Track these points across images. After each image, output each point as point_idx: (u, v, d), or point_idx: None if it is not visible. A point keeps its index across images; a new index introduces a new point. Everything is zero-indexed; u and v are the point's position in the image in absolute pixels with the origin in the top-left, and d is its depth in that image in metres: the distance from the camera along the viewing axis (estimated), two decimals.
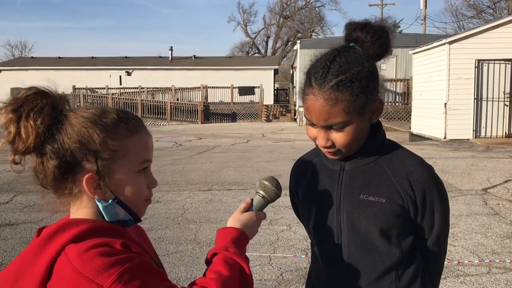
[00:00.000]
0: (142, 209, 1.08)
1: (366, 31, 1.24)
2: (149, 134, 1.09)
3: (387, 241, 1.28)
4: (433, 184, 1.30)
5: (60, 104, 1.00)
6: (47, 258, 0.92)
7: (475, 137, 14.40)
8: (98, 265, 0.88)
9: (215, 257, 1.08)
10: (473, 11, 33.70)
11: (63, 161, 0.96)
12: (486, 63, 14.23)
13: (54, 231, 0.95)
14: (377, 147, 1.31)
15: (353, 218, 1.29)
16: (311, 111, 1.21)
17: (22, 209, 6.58)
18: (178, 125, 24.90)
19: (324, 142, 1.24)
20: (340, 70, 1.17)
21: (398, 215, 1.27)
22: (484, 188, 7.57)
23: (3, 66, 32.73)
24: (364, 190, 1.29)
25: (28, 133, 0.95)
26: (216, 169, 9.78)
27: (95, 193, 0.99)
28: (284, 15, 52.69)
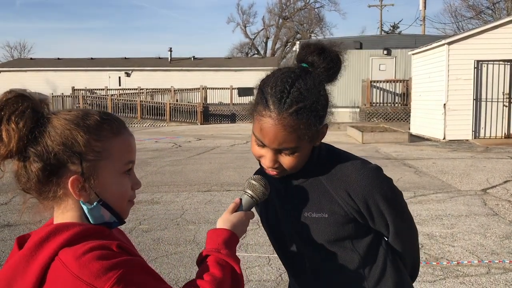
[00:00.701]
0: (126, 210, 1.08)
1: (323, 58, 1.25)
2: (132, 135, 1.09)
3: (342, 249, 1.31)
4: (375, 189, 1.27)
5: (41, 107, 0.99)
6: (40, 264, 0.91)
7: (474, 137, 14.41)
8: (96, 269, 0.87)
9: (208, 258, 1.09)
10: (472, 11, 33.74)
11: (47, 163, 0.96)
12: (485, 63, 14.25)
13: (45, 236, 0.94)
14: (314, 161, 1.31)
15: (303, 234, 1.32)
16: (265, 133, 1.20)
17: (21, 210, 6.57)
18: (177, 126, 24.90)
19: (272, 164, 1.24)
20: (300, 97, 1.17)
21: (345, 226, 1.29)
22: (484, 189, 7.57)
23: (2, 67, 32.72)
24: (307, 207, 1.31)
25: (10, 137, 0.94)
26: (215, 170, 9.78)
27: (80, 196, 0.98)
28: (284, 16, 52.72)
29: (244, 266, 4.35)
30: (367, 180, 1.27)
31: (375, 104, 22.33)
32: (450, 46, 14.42)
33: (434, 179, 8.39)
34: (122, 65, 32.41)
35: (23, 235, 1.06)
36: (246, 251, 4.73)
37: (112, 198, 1.02)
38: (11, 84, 29.03)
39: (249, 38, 55.79)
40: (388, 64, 24.17)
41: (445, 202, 6.71)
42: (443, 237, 5.12)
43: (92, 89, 29.21)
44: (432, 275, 4.10)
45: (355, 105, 23.03)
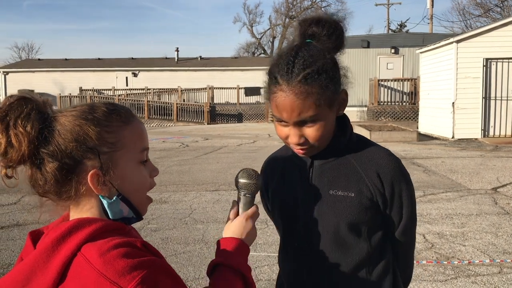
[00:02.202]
0: (145, 205, 1.06)
1: (322, 26, 1.24)
2: (141, 122, 1.07)
3: (356, 236, 1.30)
4: (401, 176, 1.31)
5: (45, 108, 0.97)
6: (62, 259, 0.89)
7: (484, 136, 14.29)
8: (122, 267, 0.85)
9: (219, 269, 1.08)
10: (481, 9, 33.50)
11: (63, 162, 0.94)
12: (494, 61, 14.12)
13: (66, 231, 0.92)
14: (345, 142, 1.31)
15: (323, 214, 1.30)
16: (282, 108, 1.19)
17: (30, 209, 6.59)
18: (184, 126, 24.93)
19: (297, 139, 1.22)
20: (305, 63, 1.17)
21: (367, 209, 1.28)
22: (494, 188, 7.50)
23: (11, 68, 32.93)
24: (333, 185, 1.29)
25: (19, 141, 0.91)
26: (223, 170, 9.77)
27: (100, 190, 0.96)
28: (290, 15, 52.66)
29: (253, 266, 4.34)
30: (396, 167, 1.30)
31: (383, 103, 22.22)
32: (458, 44, 14.30)
33: (444, 178, 8.32)
34: (129, 66, 32.53)
35: (36, 230, 1.04)
36: (255, 250, 4.71)
37: (132, 190, 1.00)
38: (20, 84, 29.25)
39: (255, 37, 55.81)
40: (395, 62, 24.07)
41: (455, 201, 6.65)
42: (453, 236, 5.07)
43: (100, 90, 29.33)
44: (443, 274, 4.06)
45: (362, 104, 22.94)
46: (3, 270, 4.36)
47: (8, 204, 6.96)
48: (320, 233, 1.31)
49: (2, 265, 4.49)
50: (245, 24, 56.20)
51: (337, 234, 1.29)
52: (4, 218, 6.17)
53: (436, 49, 15.94)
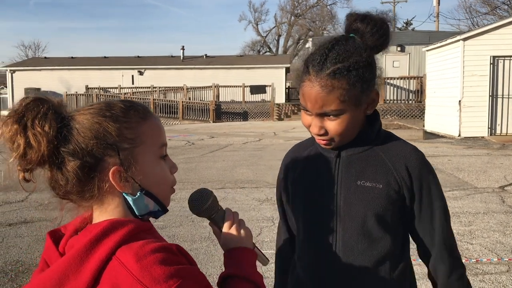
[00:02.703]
0: (169, 197, 1.05)
1: (367, 22, 1.24)
2: (158, 118, 1.07)
3: (383, 228, 1.29)
4: (429, 170, 1.32)
5: (60, 107, 0.96)
6: (96, 263, 0.88)
7: (490, 134, 14.21)
8: (158, 274, 0.84)
9: (232, 281, 1.06)
10: (487, 7, 33.29)
11: (84, 160, 0.93)
12: (501, 59, 14.03)
13: (100, 234, 0.90)
14: (373, 136, 1.32)
15: (350, 204, 1.29)
16: (307, 97, 1.22)
17: (37, 207, 6.64)
18: (190, 124, 24.96)
19: (317, 129, 1.25)
20: (338, 58, 1.18)
21: (394, 202, 1.28)
22: (501, 186, 7.46)
23: (17, 67, 33.08)
24: (361, 176, 1.29)
25: (38, 141, 0.90)
26: (228, 168, 9.78)
27: (123, 187, 0.95)
28: (296, 13, 52.57)
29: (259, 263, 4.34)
30: (424, 161, 1.31)
31: (389, 101, 22.16)
32: (465, 42, 14.22)
33: (450, 176, 8.29)
34: (135, 64, 32.57)
35: (55, 229, 1.03)
36: (261, 248, 4.71)
37: (155, 185, 1.00)
38: (26, 83, 29.40)
39: (261, 36, 55.77)
40: (402, 60, 23.99)
41: (462, 200, 6.62)
42: (461, 235, 5.05)
43: (106, 88, 29.41)
44: None
45: None
46: (11, 266, 4.39)
47: (15, 202, 7.01)
48: (347, 224, 1.29)
49: (11, 262, 4.52)
50: (251, 22, 56.17)
51: (364, 225, 1.28)
52: (12, 216, 6.22)
53: (442, 47, 15.87)
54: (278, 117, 27.39)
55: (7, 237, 5.29)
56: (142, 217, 0.99)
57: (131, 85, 30.74)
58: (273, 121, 26.37)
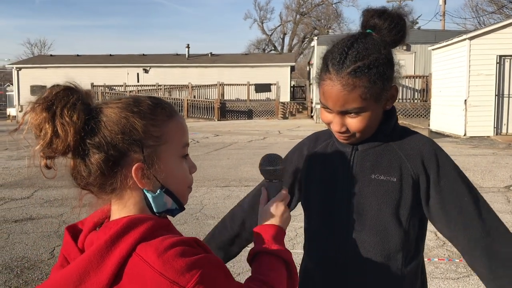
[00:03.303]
0: (186, 196, 1.06)
1: (384, 18, 1.24)
2: (183, 117, 1.08)
3: (397, 222, 1.26)
4: (445, 161, 1.29)
5: (89, 99, 0.97)
6: (117, 259, 0.88)
7: (496, 134, 14.15)
8: (180, 266, 0.85)
9: (261, 256, 1.09)
10: (494, 6, 33.08)
11: (109, 154, 0.92)
12: (508, 58, 13.96)
13: (121, 231, 0.90)
14: (388, 131, 1.32)
15: (364, 197, 1.28)
16: (328, 96, 1.22)
17: (43, 204, 6.67)
18: (194, 122, 25.00)
19: (339, 127, 1.25)
20: (358, 56, 1.18)
21: (408, 195, 1.26)
22: (507, 186, 7.43)
23: (23, 64, 33.22)
24: (375, 169, 1.29)
25: (66, 131, 0.89)
26: (233, 166, 9.79)
27: (144, 184, 0.95)
28: (301, 12, 52.48)
29: None
30: (439, 152, 1.30)
31: None
32: (471, 41, 14.15)
33: None
34: (140, 62, 32.64)
35: (73, 224, 1.03)
36: None
37: (175, 183, 1.00)
38: (32, 80, 29.54)
39: (266, 34, 55.73)
40: (407, 59, 23.89)
41: None
42: None
43: (111, 86, 29.49)
44: (455, 272, 4.04)
45: None
46: (17, 262, 4.42)
47: (21, 198, 7.05)
48: (360, 217, 1.29)
49: (16, 258, 4.55)
50: (256, 21, 56.11)
51: (377, 218, 1.27)
52: (18, 212, 6.25)
53: (448, 46, 15.80)
54: (283, 116, 27.38)
55: (13, 234, 5.32)
56: (160, 214, 1.00)
57: (136, 83, 30.81)
58: (278, 120, 26.36)
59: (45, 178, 0.96)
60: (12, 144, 12.25)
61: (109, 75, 30.72)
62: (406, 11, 1.28)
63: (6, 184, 8.28)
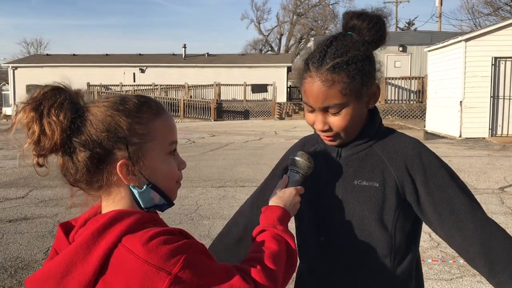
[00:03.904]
0: (175, 192, 1.08)
1: (362, 19, 1.26)
2: (171, 115, 1.09)
3: (381, 227, 1.26)
4: (431, 160, 1.27)
5: (77, 98, 1.00)
6: (102, 250, 0.90)
7: (491, 135, 14.21)
8: (164, 252, 0.87)
9: (263, 233, 1.14)
10: (490, 8, 33.22)
11: (94, 152, 0.96)
12: (503, 60, 14.02)
13: (107, 223, 0.93)
14: (372, 134, 1.32)
15: (348, 204, 1.29)
16: (309, 93, 1.24)
17: (38, 203, 6.66)
18: (191, 122, 24.98)
19: (321, 125, 1.26)
20: (336, 53, 1.20)
21: (392, 200, 1.26)
22: (501, 187, 7.46)
23: (19, 63, 33.12)
24: (358, 175, 1.29)
25: (53, 129, 0.93)
26: (229, 166, 9.79)
27: (129, 180, 0.98)
28: (298, 12, 52.53)
29: None
30: (424, 152, 1.28)
31: (390, 101, 22.15)
32: (467, 43, 14.20)
33: None
34: (137, 62, 32.58)
35: (65, 222, 1.06)
36: None
37: (161, 180, 1.02)
38: (28, 79, 29.42)
39: (263, 34, 55.75)
40: (403, 61, 23.97)
41: None
42: None
43: (107, 85, 29.41)
44: (448, 273, 4.06)
45: None
46: (11, 262, 4.41)
47: (16, 198, 7.03)
48: (345, 223, 1.29)
49: (10, 258, 4.54)
50: (253, 21, 56.16)
51: (362, 224, 1.27)
52: (12, 212, 6.23)
53: (444, 47, 15.85)
54: (279, 116, 27.39)
55: (7, 233, 5.30)
56: (148, 209, 1.02)
57: (133, 82, 30.74)
58: (274, 120, 26.37)
59: (39, 175, 0.99)
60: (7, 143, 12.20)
61: (106, 75, 30.64)
62: (385, 12, 1.30)
63: (0, 183, 8.26)
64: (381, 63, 1.30)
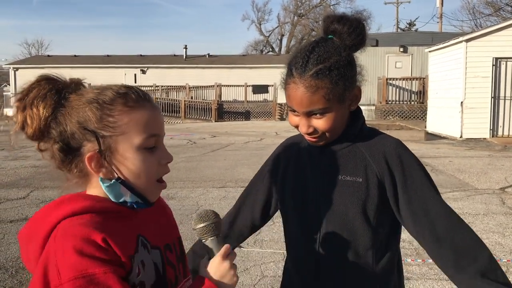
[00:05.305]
0: (153, 191, 1.05)
1: (343, 23, 1.29)
2: (155, 107, 1.05)
3: (365, 221, 1.30)
4: (410, 160, 1.32)
5: (71, 88, 1.02)
6: (47, 228, 0.96)
7: (492, 136, 14.21)
8: (69, 257, 0.89)
9: None
10: (491, 8, 33.21)
11: (65, 143, 0.99)
12: (504, 61, 14.02)
13: (60, 201, 0.99)
14: (356, 133, 1.36)
15: (333, 199, 1.33)
16: (293, 98, 1.26)
17: (39, 204, 6.66)
18: (192, 123, 24.99)
19: (305, 128, 1.29)
20: (319, 59, 1.23)
21: (375, 195, 1.30)
22: (502, 188, 7.46)
23: (20, 64, 33.18)
24: (342, 171, 1.33)
25: (32, 119, 0.98)
26: (230, 167, 9.79)
27: (99, 172, 0.99)
28: (299, 13, 52.55)
29: (259, 262, 4.36)
30: (403, 152, 1.33)
31: (391, 102, 22.12)
32: (468, 43, 14.21)
33: (451, 177, 8.29)
34: (138, 63, 32.63)
35: None
36: (261, 247, 4.73)
37: (133, 176, 1.00)
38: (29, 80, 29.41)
39: (264, 35, 55.76)
40: (404, 61, 23.95)
41: (462, 201, 6.62)
42: None
43: None
44: None
45: (370, 103, 22.84)
46: (12, 263, 4.42)
47: (17, 199, 7.04)
48: (329, 218, 1.33)
49: (11, 258, 4.54)
50: (254, 22, 56.20)
51: (345, 219, 1.31)
52: (13, 212, 6.24)
53: (445, 48, 15.86)
54: (280, 117, 27.39)
55: (8, 234, 5.31)
56: (122, 204, 1.01)
57: (134, 83, 30.75)
58: (275, 121, 26.38)
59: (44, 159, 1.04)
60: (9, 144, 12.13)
61: (107, 76, 30.68)
62: (364, 15, 1.33)
63: (2, 184, 8.27)
64: (362, 67, 1.32)
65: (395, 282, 1.40)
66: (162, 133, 1.06)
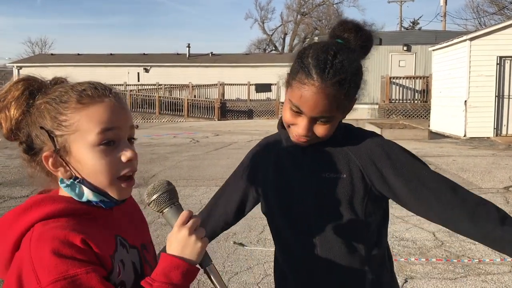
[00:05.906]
0: (116, 188, 0.99)
1: (360, 35, 1.29)
2: (116, 102, 1.01)
3: (353, 215, 1.30)
4: (392, 146, 1.33)
5: (48, 89, 1.01)
6: (17, 232, 0.93)
7: (496, 135, 14.15)
8: (47, 260, 0.86)
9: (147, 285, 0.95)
10: (495, 7, 33.07)
11: (27, 144, 1.00)
12: (508, 59, 13.96)
13: (30, 205, 0.95)
14: (335, 130, 1.35)
15: (320, 197, 1.33)
16: (305, 101, 1.22)
17: None
18: (195, 122, 25.00)
19: (305, 132, 1.26)
20: (342, 69, 1.21)
21: (360, 188, 1.31)
22: (506, 187, 7.43)
23: (24, 63, 33.25)
24: (326, 168, 1.33)
25: (5, 121, 1.00)
26: (233, 165, 9.73)
27: (57, 172, 0.99)
28: (302, 12, 52.48)
29: (262, 261, 4.36)
30: (384, 141, 1.35)
31: (394, 100, 22.08)
32: (472, 42, 14.15)
33: (455, 176, 8.25)
34: (141, 61, 32.65)
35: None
36: (264, 246, 4.73)
37: (90, 174, 0.97)
38: None
39: (267, 34, 55.72)
40: (408, 60, 23.90)
41: None
42: None
43: (112, 85, 28.93)
44: (453, 272, 4.04)
45: (374, 102, 22.81)
46: None
47: (20, 197, 7.06)
48: (319, 215, 1.33)
49: None
50: (257, 21, 56.08)
51: (334, 214, 1.31)
52: None
53: (449, 46, 15.80)
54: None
55: None
56: (88, 204, 0.99)
57: (137, 82, 30.81)
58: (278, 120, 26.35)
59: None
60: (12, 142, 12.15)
61: (110, 74, 30.70)
62: (375, 29, 1.34)
63: (5, 182, 8.29)
64: (365, 82, 1.32)
65: (387, 273, 1.41)
66: (124, 128, 1.00)
